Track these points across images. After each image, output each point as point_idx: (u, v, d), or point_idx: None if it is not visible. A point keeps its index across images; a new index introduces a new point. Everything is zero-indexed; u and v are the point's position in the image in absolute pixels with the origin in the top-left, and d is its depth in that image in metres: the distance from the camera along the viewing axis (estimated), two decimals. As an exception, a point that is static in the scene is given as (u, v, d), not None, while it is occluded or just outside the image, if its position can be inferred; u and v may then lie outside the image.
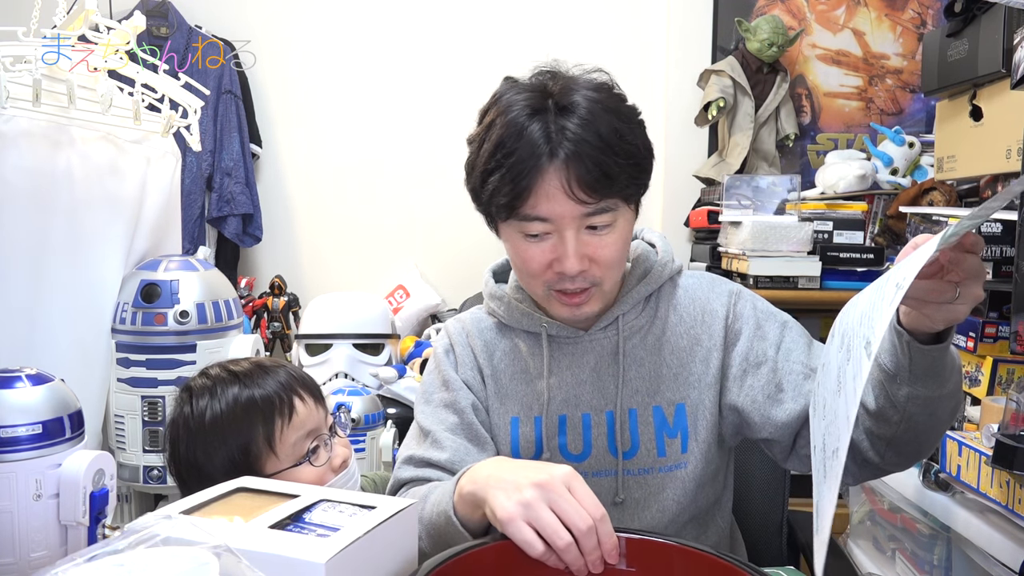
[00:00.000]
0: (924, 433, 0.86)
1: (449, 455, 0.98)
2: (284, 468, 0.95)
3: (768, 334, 1.00)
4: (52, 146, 1.51)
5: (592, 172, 0.87)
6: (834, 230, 2.01)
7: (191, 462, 0.96)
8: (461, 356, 1.05)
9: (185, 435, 0.96)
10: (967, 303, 0.73)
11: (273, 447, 0.95)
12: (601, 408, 1.00)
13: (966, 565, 1.26)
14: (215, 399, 0.96)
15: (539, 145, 0.87)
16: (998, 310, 1.29)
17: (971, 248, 0.71)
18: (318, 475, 0.97)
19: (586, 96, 0.89)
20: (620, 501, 0.99)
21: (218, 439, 0.94)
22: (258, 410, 0.95)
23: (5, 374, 0.77)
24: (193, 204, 2.58)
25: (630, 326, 1.01)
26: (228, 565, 0.53)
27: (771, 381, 0.97)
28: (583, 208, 0.89)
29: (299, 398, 0.98)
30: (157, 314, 1.63)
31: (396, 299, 2.72)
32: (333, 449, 1.00)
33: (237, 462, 0.94)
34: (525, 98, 0.90)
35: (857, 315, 0.69)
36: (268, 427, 0.95)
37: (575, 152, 0.86)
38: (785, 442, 0.97)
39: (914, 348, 0.78)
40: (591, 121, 0.87)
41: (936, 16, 2.55)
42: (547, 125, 0.87)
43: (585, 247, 0.91)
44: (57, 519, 0.76)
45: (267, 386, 0.97)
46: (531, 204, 0.89)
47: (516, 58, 2.65)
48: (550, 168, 0.87)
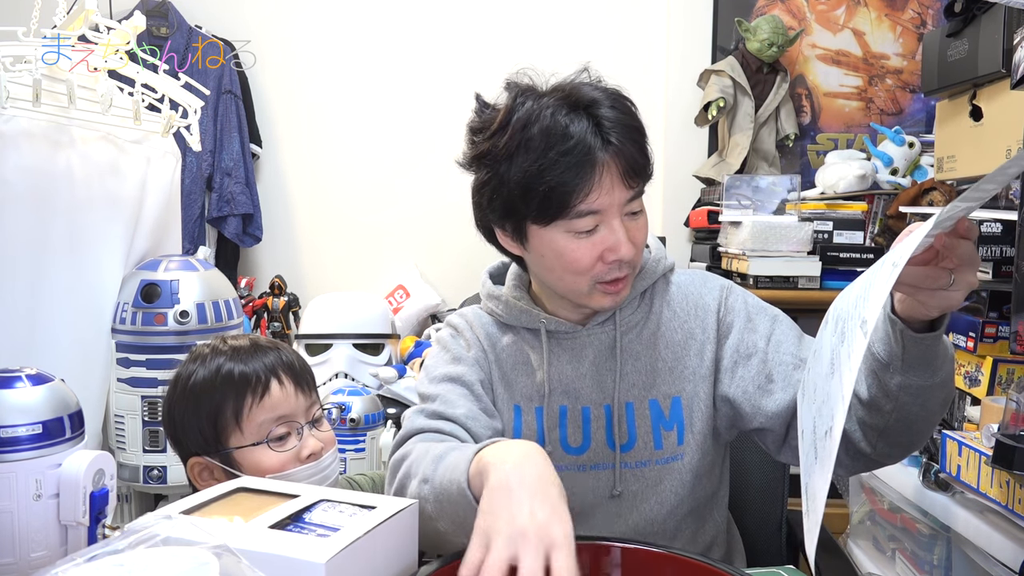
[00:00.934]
0: (916, 423, 0.86)
1: (464, 411, 0.98)
2: (246, 444, 0.97)
3: (758, 327, 1.02)
4: (52, 146, 1.51)
5: (639, 156, 0.91)
6: (834, 230, 2.01)
7: (171, 422, 1.02)
8: (469, 339, 1.06)
9: (171, 395, 1.02)
10: (961, 289, 0.74)
11: (240, 422, 0.98)
12: (600, 402, 1.02)
13: (966, 565, 1.26)
14: (203, 366, 1.00)
15: (589, 138, 0.89)
16: (998, 310, 1.29)
17: (965, 234, 0.71)
18: (279, 461, 0.98)
19: (597, 88, 0.93)
20: (618, 494, 1.01)
21: (193, 403, 0.99)
22: (233, 384, 0.98)
23: (5, 374, 0.77)
24: (193, 204, 2.58)
25: (626, 322, 1.03)
26: (228, 565, 0.54)
27: (761, 372, 0.99)
28: (630, 193, 0.92)
29: (278, 381, 1.00)
30: (157, 314, 1.63)
31: (396, 299, 2.72)
32: (305, 440, 1.00)
33: (206, 432, 0.98)
34: (549, 103, 0.91)
35: (852, 299, 0.69)
36: (239, 401, 0.98)
37: (624, 139, 0.90)
38: (778, 431, 0.98)
39: (907, 336, 0.79)
40: (621, 108, 0.92)
41: (936, 16, 2.55)
42: (589, 119, 0.90)
43: (630, 232, 0.94)
44: (57, 519, 0.76)
45: (251, 364, 1.00)
46: (590, 198, 0.90)
47: (516, 58, 2.64)
48: (606, 158, 0.89)
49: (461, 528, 0.76)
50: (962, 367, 1.34)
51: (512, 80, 0.97)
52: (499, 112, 0.94)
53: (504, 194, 0.93)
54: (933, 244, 0.72)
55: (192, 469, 1.00)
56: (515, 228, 0.96)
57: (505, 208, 0.95)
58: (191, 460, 1.00)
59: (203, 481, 0.99)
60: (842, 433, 0.90)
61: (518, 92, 0.94)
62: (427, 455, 0.87)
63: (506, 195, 0.93)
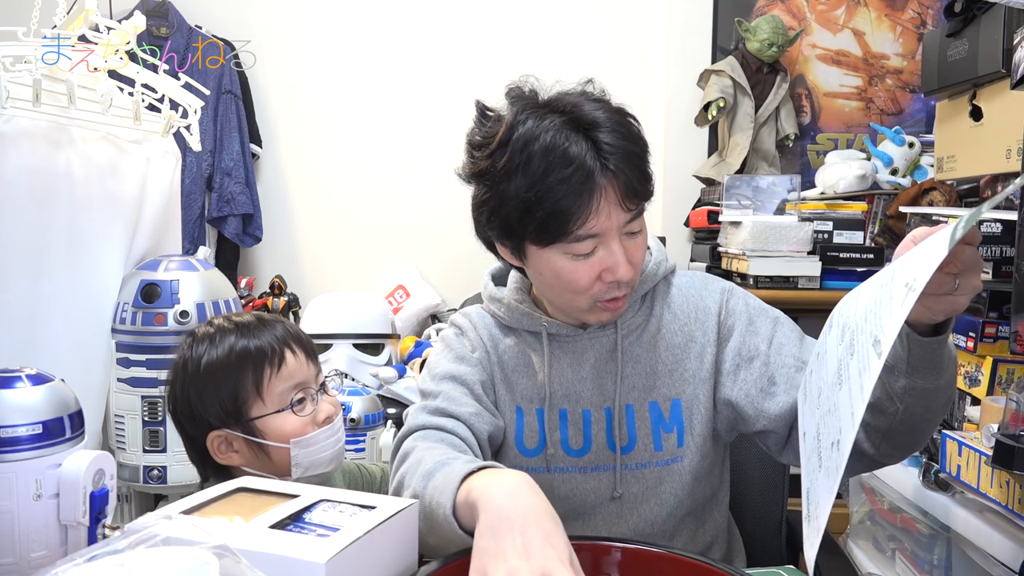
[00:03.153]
0: (919, 425, 0.87)
1: (467, 409, 0.98)
2: (269, 412, 1.02)
3: (760, 329, 1.02)
4: (52, 146, 1.51)
5: (638, 180, 0.90)
6: (834, 230, 2.01)
7: (186, 402, 1.04)
8: (473, 339, 1.06)
9: (183, 378, 1.04)
10: (966, 294, 0.74)
11: (261, 393, 1.02)
12: (600, 404, 1.02)
13: (966, 565, 1.26)
14: (214, 346, 1.04)
15: (589, 163, 0.88)
16: (998, 310, 1.29)
17: (969, 240, 0.72)
18: (300, 425, 1.04)
19: (600, 107, 0.91)
20: (618, 495, 1.01)
21: (212, 384, 1.02)
22: (250, 358, 1.02)
23: (5, 374, 0.77)
24: (193, 204, 2.58)
25: (627, 324, 1.03)
26: (228, 565, 0.54)
27: (764, 375, 0.99)
28: (629, 215, 0.91)
29: (291, 351, 1.05)
30: (157, 314, 1.63)
31: (396, 299, 2.72)
32: (319, 404, 1.07)
33: (227, 406, 1.02)
34: (551, 123, 0.90)
35: (861, 310, 0.69)
36: (258, 374, 1.02)
37: (623, 163, 0.88)
38: (780, 433, 0.99)
39: (913, 340, 0.79)
40: (621, 130, 0.90)
41: (936, 16, 2.55)
42: (588, 142, 0.88)
43: (628, 252, 0.93)
44: (57, 519, 0.76)
45: (263, 337, 1.04)
46: (589, 223, 0.89)
47: (517, 58, 2.67)
48: (604, 182, 0.88)
49: (449, 547, 0.76)
50: (962, 367, 1.34)
51: (514, 88, 0.96)
52: (500, 127, 0.93)
53: (502, 215, 0.93)
54: None
55: (212, 443, 1.04)
56: (514, 246, 0.97)
57: (504, 228, 0.95)
58: (212, 435, 1.03)
59: (222, 454, 1.04)
60: None
61: (520, 107, 0.93)
62: (419, 468, 0.86)
63: (504, 216, 0.93)
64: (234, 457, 1.04)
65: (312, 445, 1.04)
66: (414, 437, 0.95)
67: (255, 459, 1.03)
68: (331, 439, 1.06)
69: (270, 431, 1.02)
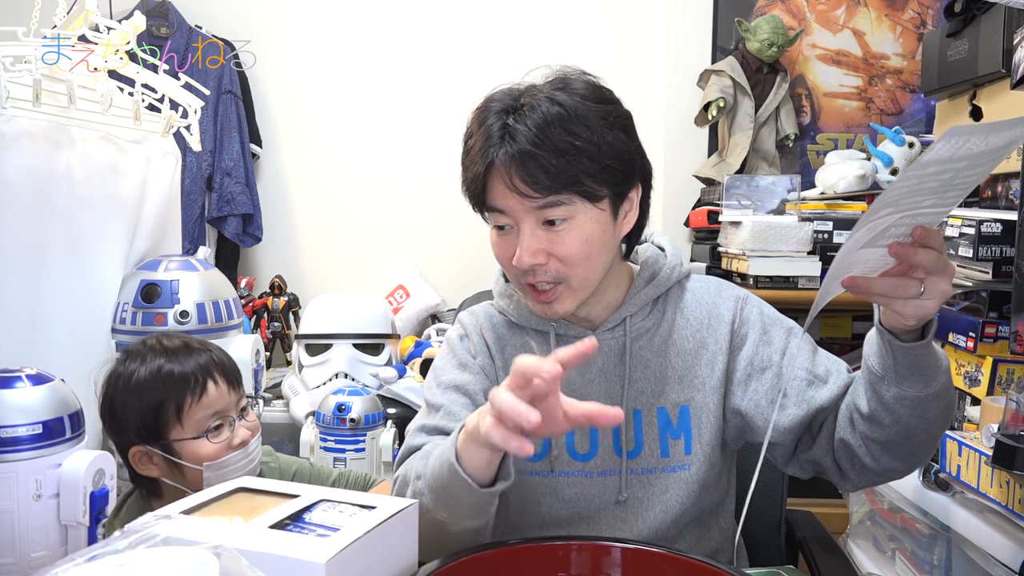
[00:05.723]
0: (916, 435, 0.88)
1: None
2: (186, 438, 1.10)
3: (774, 340, 1.01)
4: (52, 146, 1.51)
5: (530, 170, 0.89)
6: (834, 230, 2.01)
7: (114, 414, 1.12)
8: (476, 344, 1.06)
9: (113, 390, 1.12)
10: (934, 298, 0.75)
11: (180, 418, 1.10)
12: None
13: (966, 565, 1.26)
14: (143, 365, 1.11)
15: (492, 141, 0.91)
16: (998, 310, 1.29)
17: (924, 242, 0.71)
18: (215, 450, 1.11)
19: (554, 98, 0.90)
20: (623, 500, 1.00)
21: (135, 399, 1.10)
22: (173, 383, 1.10)
23: (5, 374, 0.77)
24: (193, 204, 2.58)
25: (637, 328, 1.02)
26: (228, 565, 0.53)
27: (775, 386, 0.98)
28: (531, 202, 0.91)
29: (213, 381, 1.12)
30: (157, 314, 1.63)
31: (396, 299, 2.72)
32: (236, 430, 1.14)
33: (148, 424, 1.09)
34: (501, 96, 0.94)
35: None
36: (179, 400, 1.10)
37: (518, 151, 0.89)
38: (787, 446, 0.99)
39: (895, 346, 0.81)
40: (545, 123, 0.89)
41: (936, 16, 2.55)
42: (504, 123, 0.91)
43: (541, 242, 0.92)
44: (57, 519, 0.76)
45: (187, 365, 1.11)
46: (490, 196, 0.94)
47: (516, 58, 2.67)
48: (498, 163, 0.91)
49: (457, 512, 0.78)
50: (962, 367, 1.34)
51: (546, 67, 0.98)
52: None
53: None
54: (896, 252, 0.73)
55: (133, 456, 1.11)
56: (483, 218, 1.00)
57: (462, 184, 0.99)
58: (133, 449, 1.11)
59: (142, 466, 1.12)
60: (847, 448, 0.92)
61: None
62: (419, 458, 0.91)
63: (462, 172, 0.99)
64: (153, 470, 1.12)
65: (224, 468, 1.11)
66: (412, 458, 0.96)
67: (171, 474, 1.11)
68: (243, 461, 1.14)
69: (186, 453, 1.10)
